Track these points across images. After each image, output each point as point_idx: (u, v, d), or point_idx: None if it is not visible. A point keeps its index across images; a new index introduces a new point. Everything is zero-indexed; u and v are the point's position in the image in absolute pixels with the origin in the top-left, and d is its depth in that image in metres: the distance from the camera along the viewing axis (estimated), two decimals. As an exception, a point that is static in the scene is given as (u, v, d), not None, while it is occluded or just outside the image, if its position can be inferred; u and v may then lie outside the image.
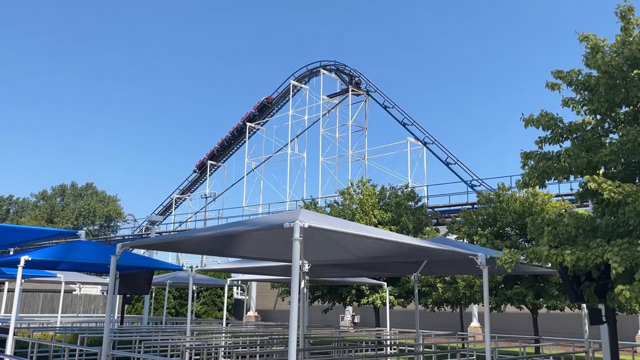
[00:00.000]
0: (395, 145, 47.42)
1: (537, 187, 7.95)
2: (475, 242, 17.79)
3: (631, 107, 7.55)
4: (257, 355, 12.16)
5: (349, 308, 33.04)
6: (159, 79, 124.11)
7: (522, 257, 7.46)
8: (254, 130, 57.12)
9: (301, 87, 54.67)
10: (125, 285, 15.43)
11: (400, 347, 16.09)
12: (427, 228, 21.87)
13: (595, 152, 7.38)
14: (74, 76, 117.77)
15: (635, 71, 7.07)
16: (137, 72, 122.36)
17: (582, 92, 8.34)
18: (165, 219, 59.94)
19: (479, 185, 39.86)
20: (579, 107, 8.40)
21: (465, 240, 18.76)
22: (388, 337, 17.85)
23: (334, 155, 50.79)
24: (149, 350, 12.48)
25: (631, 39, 7.73)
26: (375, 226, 20.70)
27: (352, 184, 23.00)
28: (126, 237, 57.79)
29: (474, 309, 29.40)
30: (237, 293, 41.32)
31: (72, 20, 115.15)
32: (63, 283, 20.45)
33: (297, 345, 11.67)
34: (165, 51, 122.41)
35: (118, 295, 16.44)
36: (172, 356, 11.70)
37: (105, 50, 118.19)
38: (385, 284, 19.61)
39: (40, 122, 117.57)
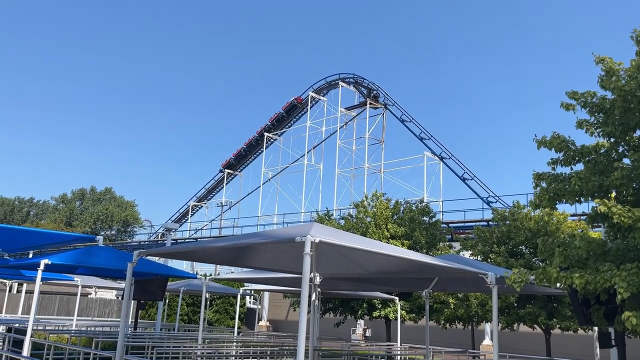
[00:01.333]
0: (412, 159, 47.42)
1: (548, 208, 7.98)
2: (490, 260, 17.73)
3: (634, 134, 7.57)
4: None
5: (361, 321, 32.92)
6: (181, 88, 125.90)
7: (531, 278, 7.49)
8: (272, 140, 57.59)
9: (320, 99, 55.05)
10: (140, 292, 15.70)
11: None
12: (440, 244, 21.84)
13: (607, 176, 7.41)
14: (98, 83, 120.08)
15: (648, 97, 7.11)
16: (159, 81, 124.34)
17: (596, 114, 8.39)
18: (181, 225, 60.53)
19: (495, 202, 39.60)
20: (593, 129, 8.44)
21: (479, 258, 18.70)
22: (398, 352, 17.80)
23: (350, 167, 50.99)
24: (161, 357, 12.67)
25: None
26: (388, 240, 20.73)
27: (366, 197, 23.08)
28: (142, 243, 58.45)
29: (487, 327, 29.09)
30: (249, 302, 41.44)
31: (94, 29, 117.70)
32: (80, 287, 20.80)
33: (307, 357, 11.76)
34: (187, 61, 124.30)
35: (132, 301, 16.72)
36: (183, 363, 11.88)
37: (129, 58, 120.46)
38: (397, 298, 19.59)
39: (64, 127, 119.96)
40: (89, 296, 35.90)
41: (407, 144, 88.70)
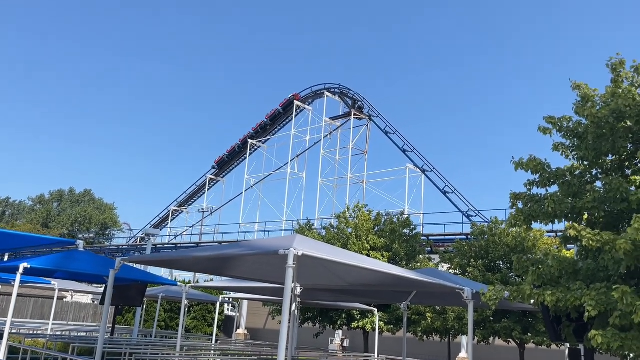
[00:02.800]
0: (395, 170, 47.90)
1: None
2: (467, 274, 18.03)
3: (617, 157, 7.90)
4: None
5: (339, 332, 33.01)
6: (164, 90, 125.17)
7: (506, 294, 7.73)
8: (255, 147, 57.59)
9: (304, 108, 55.31)
10: (119, 297, 15.56)
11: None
12: (420, 256, 22.10)
13: (580, 198, 7.71)
14: (78, 81, 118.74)
15: (621, 124, 7.43)
16: (143, 82, 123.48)
17: (571, 138, 8.72)
18: (160, 230, 60.02)
19: (475, 216, 40.16)
20: (568, 152, 8.77)
21: (457, 271, 19.00)
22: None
23: (333, 177, 51.25)
24: (138, 364, 12.59)
25: (620, 91, 8.14)
26: (369, 251, 20.94)
27: (348, 209, 23.28)
28: (121, 247, 57.80)
29: (463, 339, 29.42)
30: (228, 310, 41.24)
31: (76, 24, 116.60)
32: (57, 290, 20.56)
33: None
34: (170, 62, 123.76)
35: (111, 306, 16.58)
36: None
37: (111, 57, 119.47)
38: (375, 310, 19.76)
39: (43, 126, 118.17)
40: (65, 299, 35.37)
41: (390, 156, 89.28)
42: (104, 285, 15.57)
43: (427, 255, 22.31)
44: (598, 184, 8.32)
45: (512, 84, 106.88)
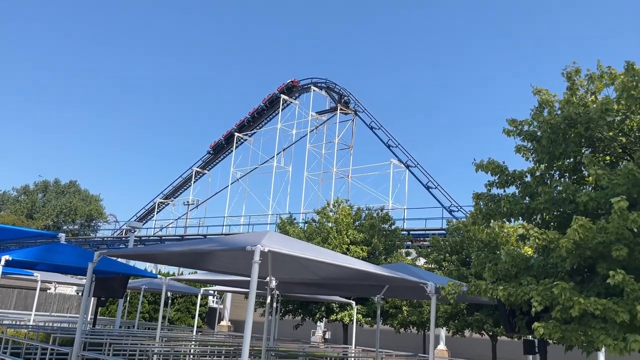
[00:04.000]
0: (379, 165, 48.40)
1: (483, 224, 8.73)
2: (442, 269, 18.58)
3: (573, 160, 8.39)
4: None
5: (321, 324, 33.58)
6: (151, 82, 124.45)
7: (464, 289, 8.22)
8: (242, 140, 57.78)
9: (291, 102, 55.56)
10: (101, 289, 15.91)
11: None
12: (399, 251, 22.63)
13: (534, 199, 8.20)
14: (63, 71, 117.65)
15: (572, 130, 7.92)
16: (129, 73, 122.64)
17: (531, 141, 9.20)
18: (146, 223, 60.09)
19: (457, 211, 40.81)
20: (529, 154, 9.26)
21: (433, 266, 19.55)
22: (352, 354, 18.47)
23: (318, 171, 51.65)
24: (119, 354, 12.95)
25: (574, 99, 8.63)
26: (349, 246, 21.42)
27: (328, 204, 23.72)
28: (106, 239, 57.80)
29: (442, 332, 30.12)
30: (212, 302, 41.60)
31: (65, 16, 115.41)
32: (39, 282, 20.78)
33: (254, 357, 12.25)
34: (156, 55, 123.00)
35: (93, 298, 16.89)
36: (140, 360, 12.22)
37: (98, 48, 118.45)
38: (353, 303, 20.26)
39: (28, 116, 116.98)
40: (48, 291, 35.48)
41: (375, 151, 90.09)
42: (91, 278, 15.89)
43: (406, 250, 22.83)
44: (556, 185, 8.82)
45: (497, 79, 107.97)
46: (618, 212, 6.22)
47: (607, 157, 8.64)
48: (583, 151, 8.58)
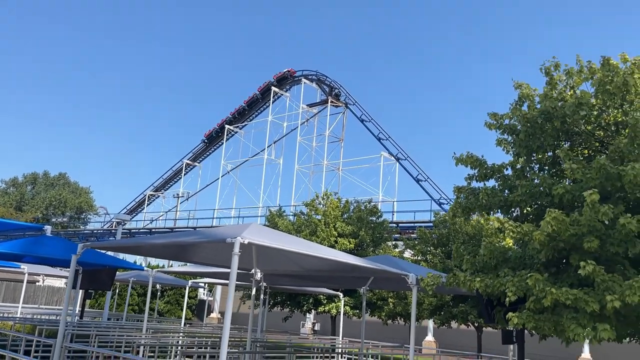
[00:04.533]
0: (370, 158, 48.55)
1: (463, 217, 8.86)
2: (428, 261, 18.76)
3: (547, 154, 8.53)
4: (207, 356, 12.82)
5: (310, 316, 33.80)
6: (140, 73, 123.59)
7: (443, 280, 8.35)
8: (232, 132, 57.65)
9: (282, 94, 55.48)
10: (88, 281, 15.94)
11: (347, 356, 16.93)
12: (385, 243, 22.81)
13: (513, 192, 8.33)
14: (53, 62, 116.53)
15: (549, 124, 8.05)
16: (119, 65, 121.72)
17: (511, 135, 9.33)
18: (136, 215, 59.95)
19: (447, 204, 41.02)
20: (510, 147, 9.39)
21: (419, 258, 19.74)
22: (340, 345, 18.67)
23: (309, 164, 51.70)
24: (105, 345, 13.01)
25: (553, 93, 8.76)
26: (337, 238, 21.57)
27: (317, 196, 23.83)
28: (95, 231, 57.62)
29: (430, 323, 30.43)
30: (202, 294, 41.69)
31: (49, 5, 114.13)
32: (26, 274, 20.75)
33: (233, 348, 12.37)
34: (146, 45, 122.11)
35: (80, 290, 16.93)
36: (126, 352, 12.27)
37: (87, 37, 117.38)
38: (341, 294, 20.44)
39: (15, 107, 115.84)
40: (37, 283, 35.40)
41: (365, 144, 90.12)
42: (74, 270, 15.92)
43: (394, 242, 23.02)
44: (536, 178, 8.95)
45: (488, 71, 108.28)
46: (590, 205, 6.36)
47: (585, 151, 8.81)
48: (562, 145, 8.73)
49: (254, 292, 11.64)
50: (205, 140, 59.59)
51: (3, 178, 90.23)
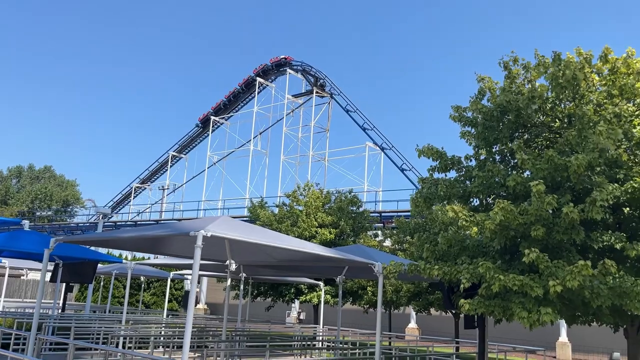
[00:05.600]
0: (355, 148, 48.81)
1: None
2: (404, 250, 19.12)
3: (505, 145, 8.82)
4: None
5: (295, 305, 34.15)
6: (127, 67, 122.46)
7: (405, 268, 8.66)
8: (218, 124, 57.55)
9: (267, 85, 55.42)
10: (70, 274, 16.11)
11: (327, 343, 17.29)
12: (368, 233, 23.12)
13: (473, 183, 8.63)
14: (38, 56, 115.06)
15: (504, 117, 8.34)
16: (103, 57, 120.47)
17: (474, 127, 9.61)
18: (122, 208, 59.84)
19: (430, 193, 41.47)
20: (472, 140, 9.68)
21: (397, 247, 20.09)
22: (319, 333, 19.04)
23: (295, 155, 51.84)
24: (86, 337, 13.23)
25: (513, 86, 9.04)
26: (317, 229, 21.85)
27: (298, 187, 24.07)
28: (80, 224, 57.44)
29: (412, 311, 30.93)
30: (188, 285, 41.87)
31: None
32: (7, 268, 20.83)
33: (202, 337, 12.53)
34: (133, 38, 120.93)
35: (62, 283, 17.07)
36: (104, 343, 12.49)
37: (72, 25, 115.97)
38: (322, 284, 20.77)
39: None
40: (21, 277, 35.37)
41: (351, 134, 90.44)
42: (54, 264, 16.06)
43: (374, 232, 23.35)
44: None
45: (474, 61, 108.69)
46: (536, 195, 6.66)
47: (543, 142, 9.12)
48: (518, 137, 9.03)
49: (229, 282, 11.90)
50: (199, 125, 58.85)
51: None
